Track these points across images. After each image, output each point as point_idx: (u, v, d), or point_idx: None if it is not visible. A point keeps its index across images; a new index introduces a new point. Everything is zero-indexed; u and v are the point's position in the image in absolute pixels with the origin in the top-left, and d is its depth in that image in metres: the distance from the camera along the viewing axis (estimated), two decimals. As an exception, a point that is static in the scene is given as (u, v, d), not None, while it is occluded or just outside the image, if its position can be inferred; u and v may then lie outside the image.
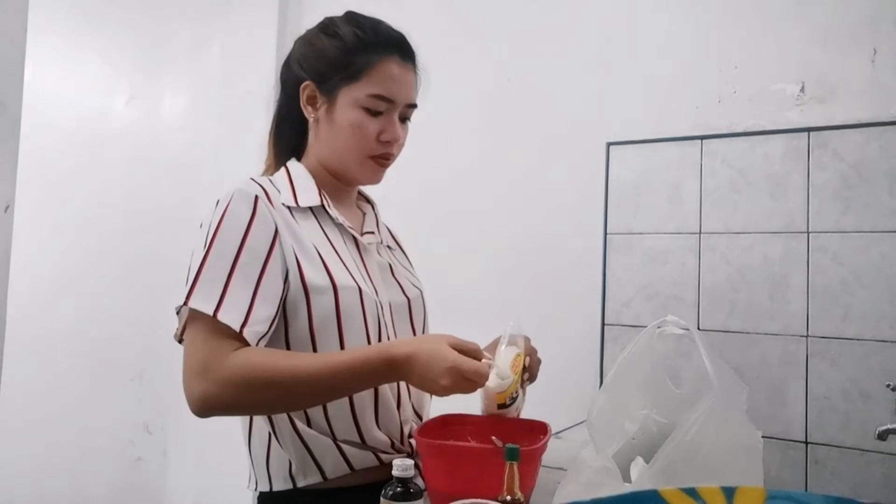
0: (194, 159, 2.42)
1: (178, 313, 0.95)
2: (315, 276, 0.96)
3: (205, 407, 0.87)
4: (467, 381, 0.87)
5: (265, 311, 0.92)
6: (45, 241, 2.12)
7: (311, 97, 1.05)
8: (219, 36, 2.47)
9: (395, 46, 1.04)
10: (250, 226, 0.94)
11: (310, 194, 1.04)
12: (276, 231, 0.96)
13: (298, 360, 0.90)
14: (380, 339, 1.01)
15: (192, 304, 0.89)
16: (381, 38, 1.03)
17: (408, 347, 0.89)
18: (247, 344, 0.89)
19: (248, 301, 0.90)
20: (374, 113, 1.02)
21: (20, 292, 1.28)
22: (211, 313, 0.88)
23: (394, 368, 0.89)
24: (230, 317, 0.88)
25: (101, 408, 2.26)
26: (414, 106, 1.08)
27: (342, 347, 0.97)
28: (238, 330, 0.88)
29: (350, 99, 1.02)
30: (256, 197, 0.96)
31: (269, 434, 1.00)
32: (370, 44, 1.02)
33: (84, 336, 2.20)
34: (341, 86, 1.02)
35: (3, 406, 1.54)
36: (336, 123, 1.03)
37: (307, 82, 1.05)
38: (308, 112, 1.06)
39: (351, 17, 1.06)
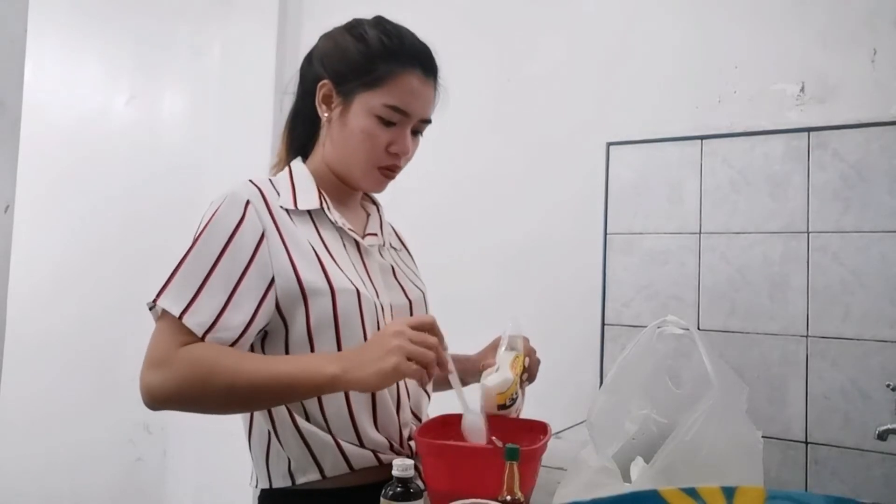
0: (194, 159, 2.41)
1: (150, 310, 0.94)
2: (312, 279, 0.95)
3: (151, 398, 0.88)
4: (417, 339, 0.86)
5: (237, 318, 0.91)
6: (45, 241, 2.12)
7: (327, 96, 1.05)
8: (219, 36, 2.47)
9: (419, 60, 1.03)
10: (236, 231, 0.93)
11: (309, 197, 1.03)
12: (263, 237, 0.95)
13: (242, 356, 0.90)
14: None
15: (161, 303, 0.90)
16: (406, 49, 1.02)
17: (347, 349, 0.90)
18: None
19: (219, 308, 0.90)
20: (388, 123, 1.02)
21: (20, 292, 1.28)
22: (177, 315, 0.88)
23: (332, 360, 0.88)
24: (195, 321, 0.89)
25: (101, 408, 2.26)
26: (428, 121, 1.07)
27: (339, 350, 0.97)
28: (201, 336, 0.89)
29: (365, 106, 1.01)
30: (248, 201, 0.96)
31: (269, 431, 0.99)
32: (394, 53, 1.01)
33: (84, 336, 2.20)
34: (359, 91, 1.01)
35: (3, 406, 1.54)
36: (348, 128, 1.03)
37: (325, 81, 1.04)
38: (322, 111, 1.06)
39: (378, 22, 1.05)
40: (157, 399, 0.88)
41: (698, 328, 1.65)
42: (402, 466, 0.81)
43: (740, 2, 1.68)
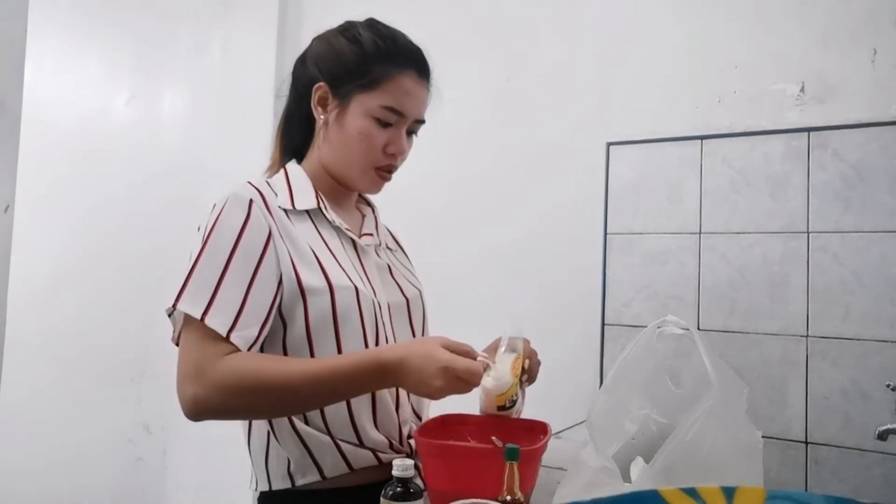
0: (194, 159, 2.41)
1: (169, 316, 0.95)
2: (311, 278, 0.96)
3: (196, 410, 0.88)
4: (461, 381, 0.87)
5: (255, 316, 0.92)
6: (45, 241, 2.12)
7: (323, 98, 1.05)
8: (219, 36, 2.47)
9: (413, 61, 1.04)
10: (244, 230, 0.94)
11: (306, 197, 1.04)
12: (270, 235, 0.96)
13: (288, 365, 0.90)
14: (377, 340, 1.01)
15: (181, 306, 0.90)
16: (400, 51, 1.04)
17: (399, 351, 0.89)
18: (236, 348, 0.90)
19: (238, 305, 0.91)
20: (384, 124, 1.03)
21: (20, 292, 1.28)
22: (199, 317, 0.89)
23: (385, 374, 0.89)
24: (217, 321, 0.89)
25: (101, 408, 2.25)
26: (422, 121, 1.08)
27: (339, 348, 0.97)
28: (225, 335, 0.89)
29: (362, 107, 1.02)
30: (251, 201, 0.96)
31: (268, 432, 1.00)
32: (389, 55, 1.02)
33: (84, 336, 2.20)
34: (355, 93, 1.02)
35: (3, 406, 1.53)
36: (345, 129, 1.03)
37: (321, 83, 1.05)
38: (317, 113, 1.06)
39: (371, 24, 1.06)
40: (203, 411, 0.88)
41: (698, 328, 1.65)
42: (402, 466, 0.81)
43: (740, 2, 1.68)
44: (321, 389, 0.90)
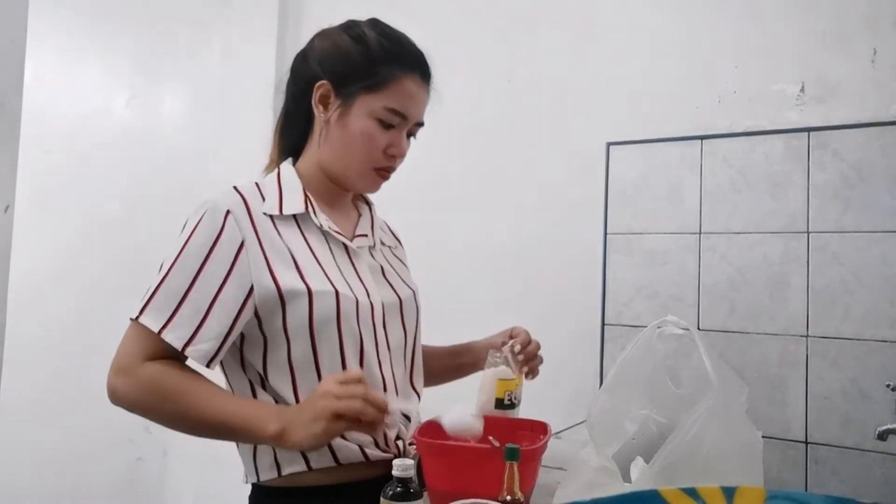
0: (194, 159, 2.41)
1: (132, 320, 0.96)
2: (289, 283, 0.95)
3: (113, 400, 0.96)
4: (339, 394, 0.85)
5: (216, 329, 0.93)
6: (45, 241, 2.12)
7: (325, 97, 1.04)
8: (219, 37, 2.47)
9: (419, 64, 1.04)
10: (215, 245, 0.95)
11: (295, 202, 1.03)
12: (242, 246, 0.95)
13: (197, 389, 0.93)
14: (362, 345, 1.00)
15: (143, 320, 0.93)
16: (406, 53, 1.04)
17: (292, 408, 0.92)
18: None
19: (199, 321, 0.92)
20: (386, 126, 1.03)
21: (20, 291, 1.28)
22: (156, 331, 0.92)
23: (276, 417, 0.88)
24: (175, 335, 0.92)
25: (101, 407, 2.24)
26: (422, 124, 1.09)
27: (315, 353, 0.97)
28: (181, 349, 0.92)
29: (366, 108, 1.02)
30: (227, 212, 0.96)
31: None
32: (395, 56, 1.02)
33: (84, 335, 2.20)
34: (360, 93, 1.02)
35: (3, 404, 1.54)
36: (347, 129, 1.03)
37: (323, 81, 1.04)
38: (318, 111, 1.05)
39: (375, 24, 1.06)
40: (118, 403, 0.96)
41: (698, 328, 1.65)
42: (402, 466, 0.81)
43: (740, 2, 1.68)
44: (219, 425, 0.92)
